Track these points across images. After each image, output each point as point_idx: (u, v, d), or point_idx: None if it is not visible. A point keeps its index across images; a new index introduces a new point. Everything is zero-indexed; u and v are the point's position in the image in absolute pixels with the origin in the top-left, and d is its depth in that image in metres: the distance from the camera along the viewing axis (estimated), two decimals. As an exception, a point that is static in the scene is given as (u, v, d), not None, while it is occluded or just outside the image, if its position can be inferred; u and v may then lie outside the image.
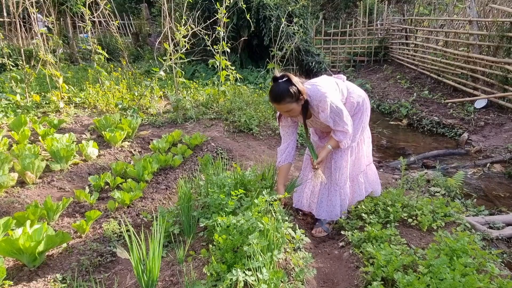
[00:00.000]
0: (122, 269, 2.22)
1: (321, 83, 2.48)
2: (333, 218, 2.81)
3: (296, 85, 2.30)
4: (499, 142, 5.46)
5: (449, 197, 3.57)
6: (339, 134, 2.50)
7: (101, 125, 4.45)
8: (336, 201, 2.76)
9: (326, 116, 2.40)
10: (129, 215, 2.79)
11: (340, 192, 2.76)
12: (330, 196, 2.77)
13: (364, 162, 2.90)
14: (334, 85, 2.57)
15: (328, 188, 2.77)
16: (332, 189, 2.76)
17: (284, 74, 2.34)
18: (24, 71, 5.49)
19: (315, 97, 2.39)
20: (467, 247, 2.10)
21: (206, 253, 2.05)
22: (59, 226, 2.60)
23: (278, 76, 2.34)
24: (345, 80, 2.75)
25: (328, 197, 2.78)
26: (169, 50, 5.50)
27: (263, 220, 1.96)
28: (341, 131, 2.48)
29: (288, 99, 2.30)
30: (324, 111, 2.40)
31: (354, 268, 2.28)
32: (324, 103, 2.36)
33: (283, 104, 2.32)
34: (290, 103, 2.32)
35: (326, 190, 2.77)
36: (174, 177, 3.52)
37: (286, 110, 2.38)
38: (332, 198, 2.77)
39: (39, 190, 3.07)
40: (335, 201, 2.76)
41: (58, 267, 2.14)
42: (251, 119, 5.17)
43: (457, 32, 8.12)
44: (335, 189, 2.75)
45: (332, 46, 12.08)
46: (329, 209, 2.78)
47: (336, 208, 2.77)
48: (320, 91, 2.39)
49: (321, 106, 2.39)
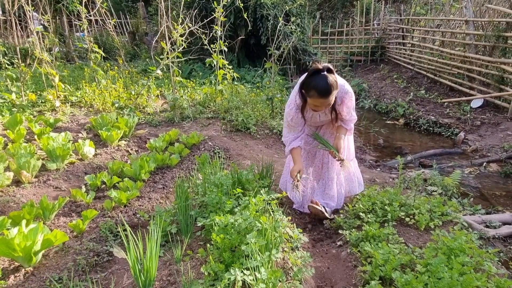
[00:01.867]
0: (119, 268, 2.21)
1: None
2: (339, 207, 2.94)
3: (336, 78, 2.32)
4: (495, 141, 5.48)
5: (446, 196, 3.58)
6: (351, 123, 2.65)
7: (97, 124, 4.42)
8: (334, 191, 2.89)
9: (350, 107, 2.53)
10: (126, 215, 2.77)
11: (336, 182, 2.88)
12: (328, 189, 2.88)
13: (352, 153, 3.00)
14: None
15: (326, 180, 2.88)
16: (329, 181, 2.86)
17: (327, 66, 2.27)
18: (19, 69, 5.45)
19: (342, 90, 2.45)
20: (465, 246, 2.11)
21: (203, 253, 2.04)
22: (55, 225, 2.57)
23: (321, 68, 2.25)
24: None
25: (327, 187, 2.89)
26: (166, 49, 5.48)
27: (261, 220, 1.95)
28: (352, 120, 2.64)
29: (335, 90, 2.29)
30: (346, 104, 2.49)
31: (352, 267, 2.28)
32: (351, 95, 2.48)
33: (331, 96, 2.28)
34: (335, 94, 2.32)
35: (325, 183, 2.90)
36: (171, 176, 3.50)
37: (328, 102, 2.33)
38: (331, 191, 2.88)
39: (35, 189, 3.04)
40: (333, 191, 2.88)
41: (54, 266, 2.12)
42: (249, 118, 5.16)
43: (454, 32, 8.14)
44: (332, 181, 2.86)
45: (329, 45, 12.09)
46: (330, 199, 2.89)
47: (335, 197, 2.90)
48: (342, 84, 2.44)
49: (346, 98, 2.47)
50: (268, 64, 6.35)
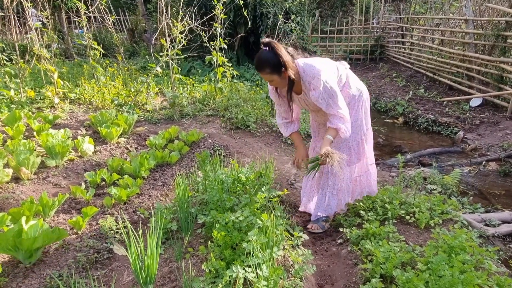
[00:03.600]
0: (119, 266, 2.20)
1: (320, 61, 2.35)
2: (329, 214, 2.78)
3: (281, 57, 2.16)
4: (494, 140, 5.50)
5: (445, 194, 3.59)
6: (335, 120, 2.31)
7: (97, 121, 4.40)
8: (331, 200, 2.75)
9: (317, 96, 2.25)
10: (126, 212, 2.76)
11: (336, 192, 2.74)
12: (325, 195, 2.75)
13: (366, 162, 2.84)
14: (334, 68, 2.43)
15: (323, 188, 2.75)
16: (326, 190, 2.73)
17: (269, 42, 2.19)
18: (18, 66, 5.42)
19: (308, 73, 2.26)
20: (465, 244, 2.11)
21: (204, 250, 2.04)
22: (55, 222, 2.56)
23: (264, 43, 2.21)
24: (347, 67, 2.60)
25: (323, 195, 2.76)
26: (166, 46, 5.46)
27: (263, 217, 1.95)
28: (335, 115, 2.29)
29: (268, 69, 2.19)
30: (315, 90, 2.24)
31: (352, 265, 2.28)
32: (318, 80, 2.21)
33: (263, 73, 2.23)
34: (271, 74, 2.21)
35: (322, 189, 2.76)
36: (171, 174, 3.49)
37: (268, 80, 2.28)
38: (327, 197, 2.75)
39: (34, 186, 3.03)
40: (329, 200, 2.75)
41: (54, 263, 2.11)
42: (248, 116, 5.15)
43: (453, 31, 8.15)
44: (331, 192, 2.73)
45: (328, 44, 12.08)
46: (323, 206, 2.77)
47: (330, 206, 2.75)
48: (315, 67, 2.25)
49: (313, 84, 2.25)
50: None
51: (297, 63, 2.31)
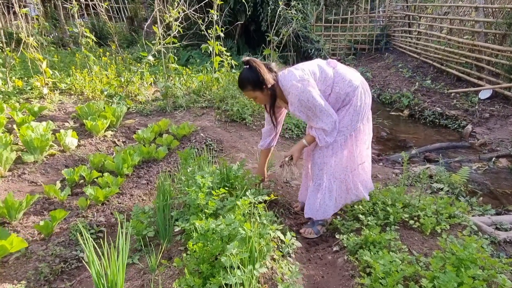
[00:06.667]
0: (88, 276, 1.98)
1: (297, 72, 2.19)
2: (318, 218, 2.50)
3: (260, 74, 2.16)
4: (505, 135, 5.20)
5: (453, 194, 3.32)
6: (315, 130, 2.28)
7: (83, 113, 4.17)
8: (315, 198, 2.44)
9: (293, 110, 2.23)
10: (103, 214, 2.53)
11: (322, 190, 2.43)
12: (312, 193, 2.47)
13: (356, 162, 2.49)
14: (316, 71, 2.25)
15: (311, 185, 2.49)
16: (312, 186, 2.46)
17: (248, 61, 2.21)
18: (4, 54, 5.18)
19: (285, 87, 2.22)
20: (476, 255, 1.86)
21: (180, 263, 1.81)
22: (22, 226, 2.34)
23: (244, 62, 2.23)
24: (336, 66, 2.34)
25: (311, 193, 2.48)
26: (158, 34, 5.19)
27: (245, 226, 1.71)
28: (315, 127, 2.27)
29: (249, 87, 2.21)
30: (292, 104, 2.22)
31: (348, 277, 2.04)
32: (292, 95, 2.18)
33: (245, 91, 2.25)
34: (253, 91, 2.22)
35: (311, 187, 2.48)
36: (157, 171, 3.26)
37: (251, 97, 2.30)
38: (311, 196, 2.46)
39: (7, 184, 2.81)
40: (314, 199, 2.45)
41: (12, 276, 1.88)
42: (244, 108, 4.88)
43: (462, 19, 7.79)
44: (314, 187, 2.45)
45: (332, 33, 11.71)
46: (312, 207, 2.47)
47: (316, 206, 2.45)
48: (290, 81, 2.18)
49: (289, 98, 2.23)
50: (267, 51, 6.05)
51: (278, 77, 2.28)
